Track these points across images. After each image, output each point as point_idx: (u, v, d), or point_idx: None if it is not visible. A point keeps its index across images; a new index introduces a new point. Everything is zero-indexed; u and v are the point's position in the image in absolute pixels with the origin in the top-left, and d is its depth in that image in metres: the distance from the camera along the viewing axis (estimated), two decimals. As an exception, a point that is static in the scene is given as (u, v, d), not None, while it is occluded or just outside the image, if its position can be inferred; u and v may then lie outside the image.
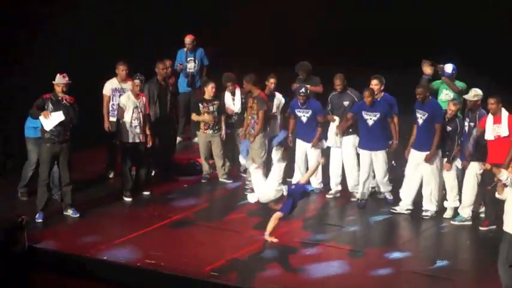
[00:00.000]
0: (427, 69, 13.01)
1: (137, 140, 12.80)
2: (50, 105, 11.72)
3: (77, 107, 11.90)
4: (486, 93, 11.76)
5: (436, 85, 12.99)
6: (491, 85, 12.28)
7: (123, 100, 12.75)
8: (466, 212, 11.93)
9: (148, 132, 12.88)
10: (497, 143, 11.43)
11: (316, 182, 13.08)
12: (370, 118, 12.40)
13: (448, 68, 12.90)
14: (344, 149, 12.88)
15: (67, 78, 11.81)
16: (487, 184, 11.41)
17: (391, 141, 12.51)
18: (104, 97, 13.45)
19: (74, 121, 11.86)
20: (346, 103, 12.81)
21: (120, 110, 12.73)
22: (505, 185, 9.57)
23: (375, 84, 12.62)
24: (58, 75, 11.81)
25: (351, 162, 12.83)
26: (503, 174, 9.53)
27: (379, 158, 12.48)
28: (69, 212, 12.07)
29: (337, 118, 12.82)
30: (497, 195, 9.76)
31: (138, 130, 12.77)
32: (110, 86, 13.47)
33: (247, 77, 13.05)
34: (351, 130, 12.81)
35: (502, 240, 9.64)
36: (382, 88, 12.64)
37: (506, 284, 9.57)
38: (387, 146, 12.50)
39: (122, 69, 13.41)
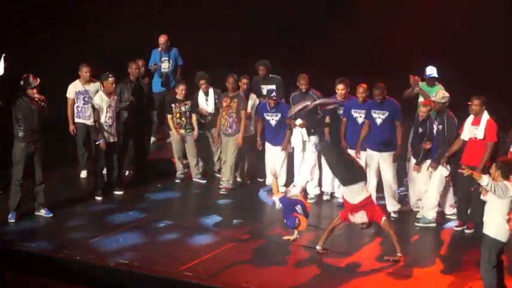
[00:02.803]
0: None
1: (111, 140, 12.80)
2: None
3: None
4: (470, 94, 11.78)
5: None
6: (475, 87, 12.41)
7: (97, 100, 12.72)
8: (430, 214, 11.95)
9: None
10: (473, 144, 11.48)
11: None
12: (379, 117, 12.33)
13: (430, 70, 12.93)
14: (307, 150, 12.88)
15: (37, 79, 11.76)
16: (463, 185, 11.52)
17: None
18: (68, 100, 13.47)
19: (46, 121, 11.84)
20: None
21: (96, 111, 12.71)
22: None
23: (341, 88, 12.54)
24: (26, 77, 11.66)
25: (311, 163, 12.86)
26: (484, 180, 9.43)
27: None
28: (42, 212, 12.02)
29: (299, 120, 12.78)
30: (482, 197, 9.77)
31: (112, 129, 12.77)
32: (73, 88, 13.49)
33: (232, 77, 13.06)
34: (312, 131, 12.83)
35: (482, 243, 9.66)
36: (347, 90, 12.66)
37: (488, 285, 9.62)
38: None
39: (85, 71, 13.43)
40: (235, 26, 16.70)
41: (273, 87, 13.49)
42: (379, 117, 12.19)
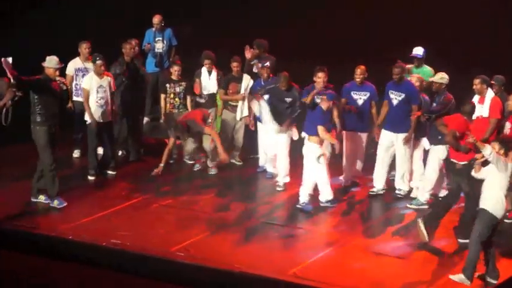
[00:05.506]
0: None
1: (102, 120, 12.76)
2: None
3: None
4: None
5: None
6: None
7: (87, 81, 12.72)
8: (423, 196, 11.99)
9: (114, 109, 12.90)
10: (480, 123, 11.45)
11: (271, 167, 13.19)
12: (396, 98, 12.26)
13: (419, 50, 12.97)
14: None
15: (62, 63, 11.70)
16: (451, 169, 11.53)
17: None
18: (66, 77, 13.41)
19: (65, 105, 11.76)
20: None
21: (85, 92, 12.69)
22: (485, 162, 9.64)
23: (323, 76, 12.25)
24: (50, 58, 11.49)
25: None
26: (487, 149, 9.56)
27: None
28: (55, 204, 11.63)
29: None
30: (473, 173, 9.87)
31: (104, 109, 12.74)
32: (73, 65, 13.48)
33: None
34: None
35: (477, 217, 9.70)
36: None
37: (472, 258, 9.65)
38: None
39: (84, 48, 13.44)
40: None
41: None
42: (395, 98, 12.16)
